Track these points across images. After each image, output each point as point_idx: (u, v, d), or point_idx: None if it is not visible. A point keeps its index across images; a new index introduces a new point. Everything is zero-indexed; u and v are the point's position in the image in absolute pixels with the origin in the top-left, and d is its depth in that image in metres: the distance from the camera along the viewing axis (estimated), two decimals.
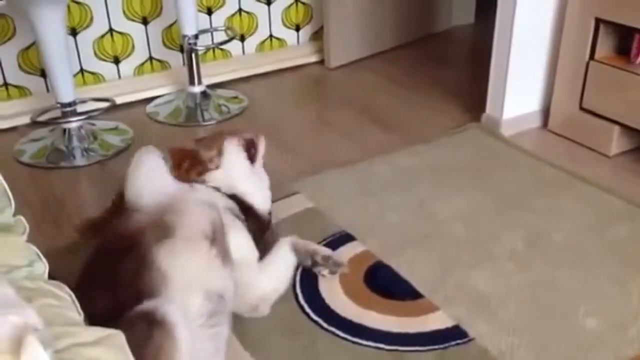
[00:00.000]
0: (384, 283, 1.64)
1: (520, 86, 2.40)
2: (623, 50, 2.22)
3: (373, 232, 1.84)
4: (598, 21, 2.18)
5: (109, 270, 1.28)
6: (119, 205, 1.51)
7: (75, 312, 0.96)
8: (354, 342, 1.46)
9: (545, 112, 2.48)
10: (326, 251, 1.69)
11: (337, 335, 1.48)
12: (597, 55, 2.23)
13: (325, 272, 1.66)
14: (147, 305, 1.17)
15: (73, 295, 1.00)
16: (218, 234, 1.41)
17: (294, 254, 1.67)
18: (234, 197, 1.64)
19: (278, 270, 1.62)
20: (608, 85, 2.19)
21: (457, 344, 1.45)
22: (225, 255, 1.40)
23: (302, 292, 1.61)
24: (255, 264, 1.56)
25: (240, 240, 1.53)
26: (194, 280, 1.29)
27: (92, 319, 1.06)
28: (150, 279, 1.24)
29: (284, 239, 1.68)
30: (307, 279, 1.65)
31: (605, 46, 2.23)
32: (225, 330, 1.35)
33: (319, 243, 1.76)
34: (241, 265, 1.48)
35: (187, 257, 1.31)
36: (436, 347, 1.44)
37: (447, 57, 3.31)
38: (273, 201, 1.93)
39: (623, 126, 2.20)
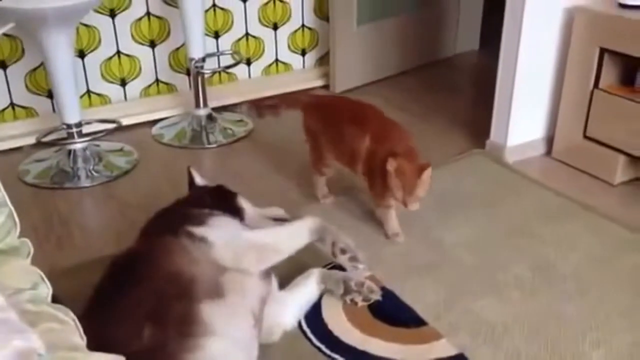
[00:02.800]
0: (388, 310, 1.63)
1: (525, 113, 2.41)
2: (627, 79, 2.23)
3: (378, 258, 1.82)
4: (603, 50, 2.19)
5: (157, 305, 1.27)
6: None
7: (78, 337, 0.95)
8: None
9: (550, 139, 2.48)
10: (358, 278, 1.66)
11: None
12: (601, 84, 2.23)
13: (359, 299, 1.64)
14: None
15: (77, 320, 1.00)
16: (262, 310, 1.43)
17: (323, 284, 1.66)
18: None
19: (301, 304, 1.62)
20: (612, 114, 2.20)
21: None
22: (260, 329, 1.42)
23: (306, 317, 1.60)
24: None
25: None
26: (234, 344, 1.29)
27: (136, 345, 1.13)
28: (195, 327, 1.24)
29: (312, 271, 1.67)
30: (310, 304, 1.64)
31: (610, 75, 2.24)
32: None
33: (323, 267, 1.75)
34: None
35: (232, 324, 1.31)
36: None
37: (452, 83, 3.33)
38: None
39: (627, 155, 2.20)
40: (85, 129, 2.46)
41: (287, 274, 1.67)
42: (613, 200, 2.18)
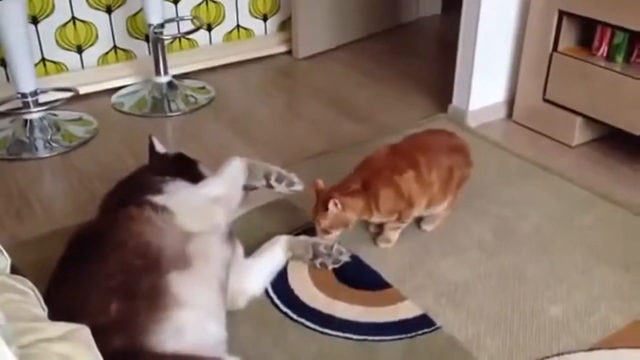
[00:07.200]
0: (353, 274, 1.65)
1: (486, 78, 2.43)
2: (585, 42, 2.26)
3: None
4: (561, 13, 2.21)
5: (125, 279, 1.25)
6: None
7: (39, 308, 0.94)
8: (323, 333, 1.46)
9: (510, 103, 2.51)
10: (327, 241, 1.66)
11: (307, 326, 1.48)
12: (560, 47, 2.26)
13: (329, 261, 1.64)
14: None
15: (36, 290, 0.98)
16: (227, 275, 1.42)
17: (290, 251, 1.66)
18: None
19: (267, 271, 1.62)
20: (571, 76, 2.23)
21: (425, 332, 1.46)
22: (226, 295, 1.41)
23: (272, 284, 1.61)
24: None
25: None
26: (203, 312, 1.29)
27: (103, 318, 1.13)
28: (163, 299, 1.23)
29: (278, 237, 1.67)
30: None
31: (568, 38, 2.27)
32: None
33: (289, 234, 1.75)
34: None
35: (199, 293, 1.31)
36: (404, 336, 1.45)
37: (415, 48, 3.33)
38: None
39: (585, 117, 2.24)
40: (42, 98, 2.39)
41: (253, 242, 1.67)
42: (571, 161, 2.23)
